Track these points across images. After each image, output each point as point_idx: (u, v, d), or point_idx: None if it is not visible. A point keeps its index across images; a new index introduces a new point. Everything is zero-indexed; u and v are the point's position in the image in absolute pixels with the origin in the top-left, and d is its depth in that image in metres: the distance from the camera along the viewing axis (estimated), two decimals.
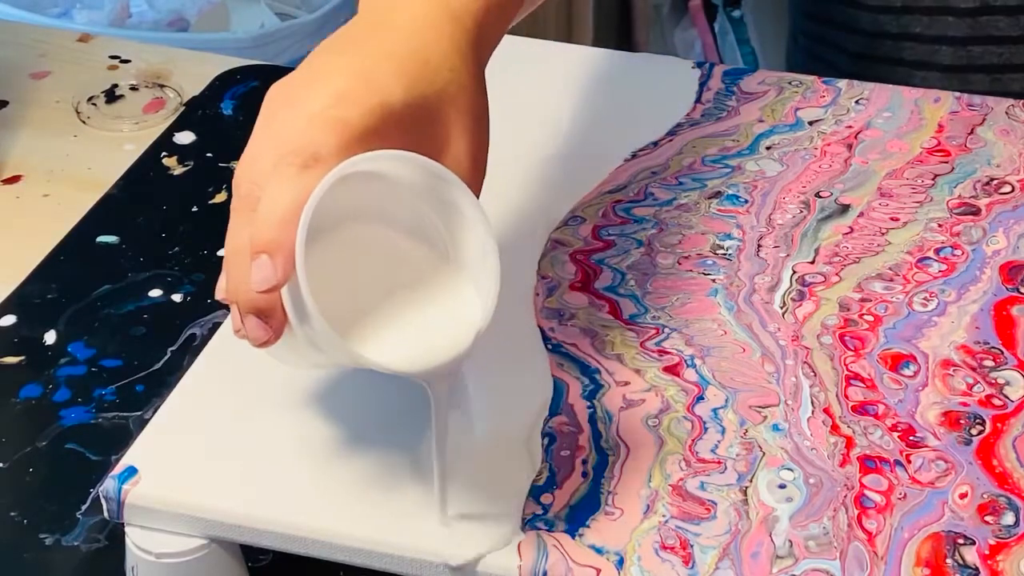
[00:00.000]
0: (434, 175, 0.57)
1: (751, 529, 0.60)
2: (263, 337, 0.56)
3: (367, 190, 0.57)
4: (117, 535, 0.65)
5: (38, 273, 0.83)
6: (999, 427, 0.65)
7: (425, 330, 0.58)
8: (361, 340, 0.57)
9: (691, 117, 0.85)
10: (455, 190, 0.57)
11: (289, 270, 0.54)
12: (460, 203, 0.58)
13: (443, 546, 0.60)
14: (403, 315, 0.58)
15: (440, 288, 0.59)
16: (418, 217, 0.59)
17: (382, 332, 0.57)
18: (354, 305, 0.57)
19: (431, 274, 0.59)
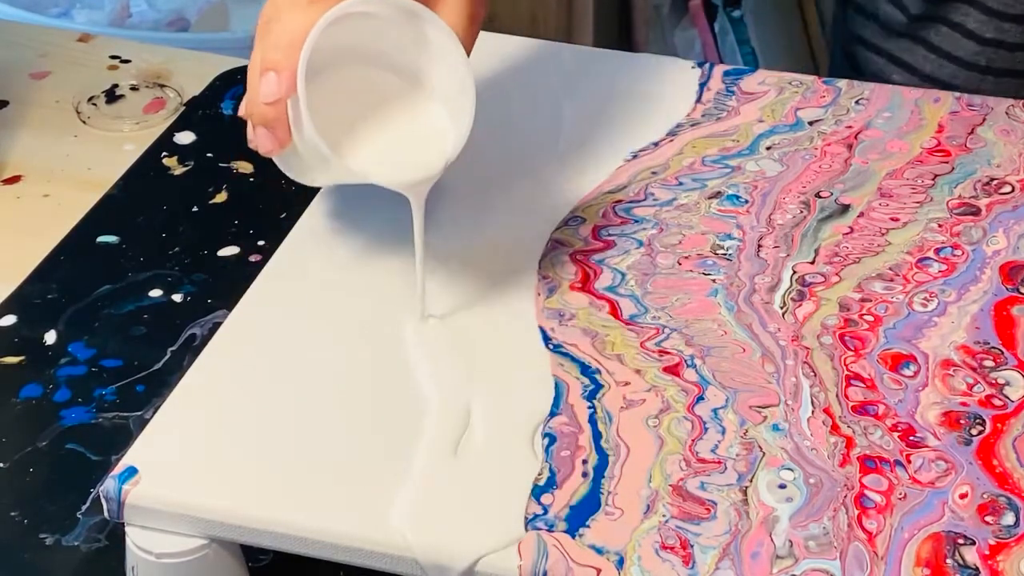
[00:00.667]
0: (422, 18, 0.66)
1: (751, 529, 0.60)
2: (268, 146, 0.67)
3: (364, 27, 0.66)
4: (117, 535, 0.65)
5: (38, 273, 0.83)
6: (999, 427, 0.65)
7: (404, 150, 0.68)
8: (348, 154, 0.66)
9: (691, 117, 0.85)
10: (439, 32, 0.67)
11: (291, 85, 0.64)
12: (444, 44, 0.67)
13: (444, 546, 0.60)
14: (385, 137, 0.68)
15: (420, 117, 0.69)
16: (406, 55, 0.68)
17: (366, 149, 0.67)
18: (345, 126, 0.67)
19: (413, 104, 0.69)
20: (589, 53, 0.93)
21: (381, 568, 0.61)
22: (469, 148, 0.82)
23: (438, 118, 0.69)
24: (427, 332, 0.70)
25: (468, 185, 0.80)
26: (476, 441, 0.64)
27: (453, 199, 0.79)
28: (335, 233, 0.76)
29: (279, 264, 0.74)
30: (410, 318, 0.71)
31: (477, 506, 0.61)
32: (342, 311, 0.71)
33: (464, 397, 0.66)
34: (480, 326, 0.71)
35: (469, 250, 0.75)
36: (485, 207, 0.78)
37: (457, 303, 0.72)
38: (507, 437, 0.65)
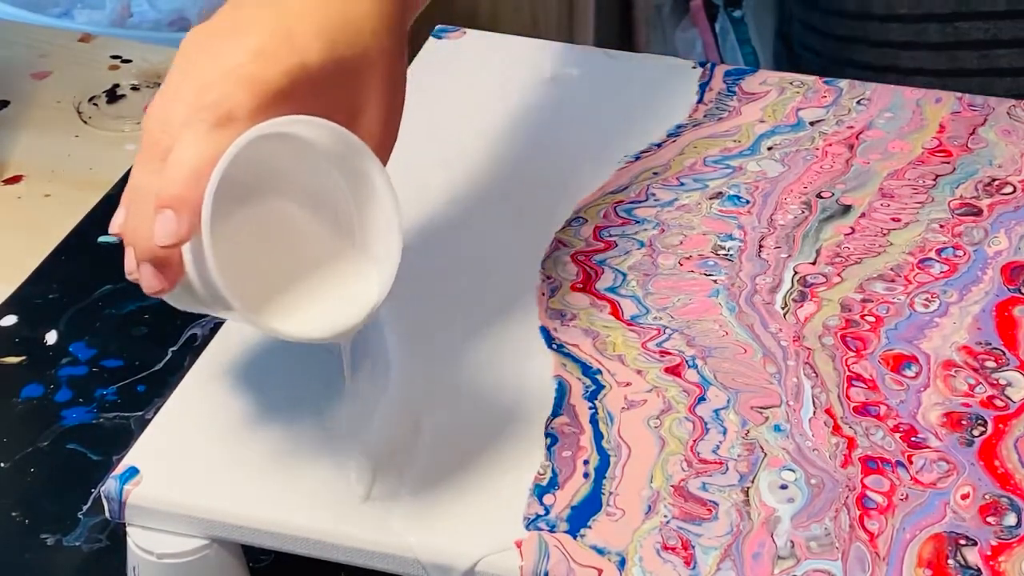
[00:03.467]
0: (346, 144, 0.57)
1: (753, 530, 0.60)
2: (157, 287, 0.57)
3: (278, 150, 0.57)
4: (118, 535, 0.65)
5: (39, 273, 0.83)
6: (1001, 428, 0.65)
7: (322, 301, 0.59)
8: (258, 305, 0.58)
9: (693, 118, 0.85)
10: (367, 161, 0.58)
11: (193, 228, 0.54)
12: (371, 174, 0.58)
13: (445, 547, 0.60)
14: (302, 284, 0.59)
15: (340, 261, 0.60)
16: (326, 182, 0.59)
17: (279, 298, 0.58)
18: (254, 268, 0.58)
19: (333, 246, 0.60)
20: (590, 53, 0.93)
21: (382, 568, 0.61)
22: (470, 148, 0.83)
23: (359, 262, 0.60)
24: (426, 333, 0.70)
25: (470, 185, 0.79)
26: (477, 441, 0.64)
27: (455, 199, 0.79)
28: None
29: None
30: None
31: (479, 506, 0.61)
32: None
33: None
34: (483, 326, 0.70)
35: (471, 250, 0.75)
36: (486, 207, 0.78)
37: (459, 303, 0.72)
38: (509, 437, 0.65)
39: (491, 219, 0.77)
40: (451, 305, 0.72)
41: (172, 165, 0.55)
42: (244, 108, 0.55)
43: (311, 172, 0.59)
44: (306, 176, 0.59)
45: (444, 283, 0.73)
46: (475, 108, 0.85)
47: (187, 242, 0.55)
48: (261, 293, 0.58)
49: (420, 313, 0.71)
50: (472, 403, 0.66)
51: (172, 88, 0.58)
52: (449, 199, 0.79)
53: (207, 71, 0.57)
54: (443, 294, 0.72)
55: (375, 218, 0.59)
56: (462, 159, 0.82)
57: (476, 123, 0.84)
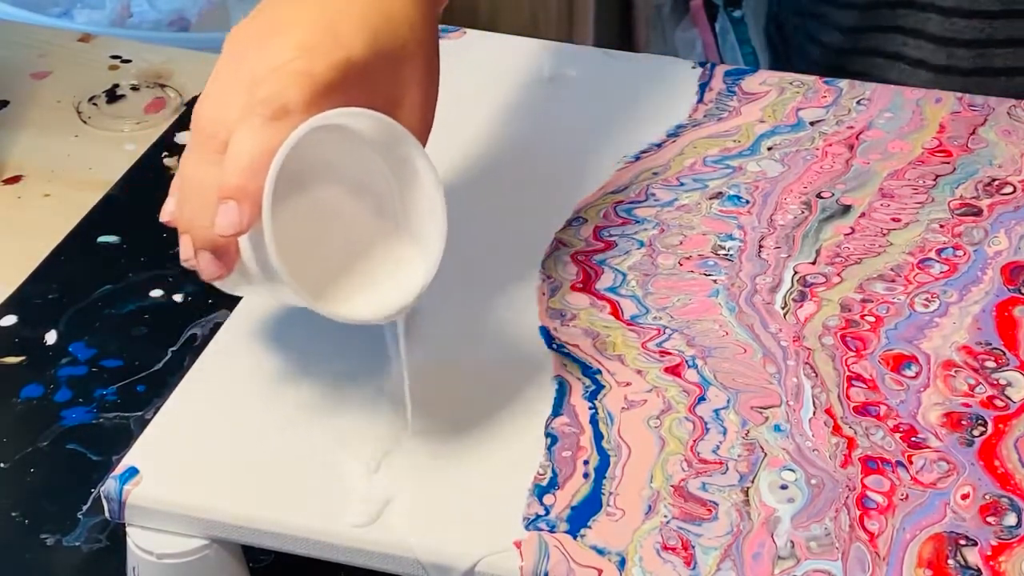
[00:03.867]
0: (391, 132, 0.60)
1: (753, 530, 0.60)
2: (216, 273, 0.60)
3: (328, 140, 0.60)
4: (118, 535, 0.65)
5: (39, 273, 0.83)
6: (1001, 428, 0.65)
7: (372, 285, 0.62)
8: (314, 289, 0.60)
9: (693, 118, 0.85)
10: (411, 148, 0.60)
11: (255, 218, 0.57)
12: (414, 160, 0.61)
13: (445, 547, 0.60)
14: (352, 269, 0.62)
15: (386, 245, 0.63)
16: (372, 170, 0.62)
17: (332, 282, 0.61)
18: (307, 254, 0.60)
19: (380, 231, 0.63)
20: (590, 53, 0.93)
21: (382, 569, 0.61)
22: (469, 148, 0.83)
23: (406, 246, 0.63)
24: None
25: (469, 185, 0.79)
26: (477, 441, 0.64)
27: (454, 199, 0.79)
28: None
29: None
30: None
31: (479, 506, 0.61)
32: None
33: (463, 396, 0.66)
34: (483, 326, 0.70)
35: (471, 250, 0.75)
36: (487, 208, 0.78)
37: (460, 303, 0.72)
38: (509, 437, 0.65)
39: (491, 219, 0.77)
40: (451, 305, 0.72)
41: (232, 157, 0.57)
42: (297, 102, 0.58)
43: (357, 161, 0.62)
44: (353, 164, 0.62)
45: (444, 283, 0.73)
46: (475, 108, 0.85)
47: (248, 231, 0.57)
48: (315, 278, 0.60)
49: (420, 313, 0.71)
50: (472, 403, 0.66)
51: (221, 85, 0.60)
52: (449, 199, 0.78)
53: (257, 67, 0.59)
54: (443, 294, 0.72)
55: (419, 203, 0.61)
56: (462, 159, 0.82)
57: (476, 123, 0.84)
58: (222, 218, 0.57)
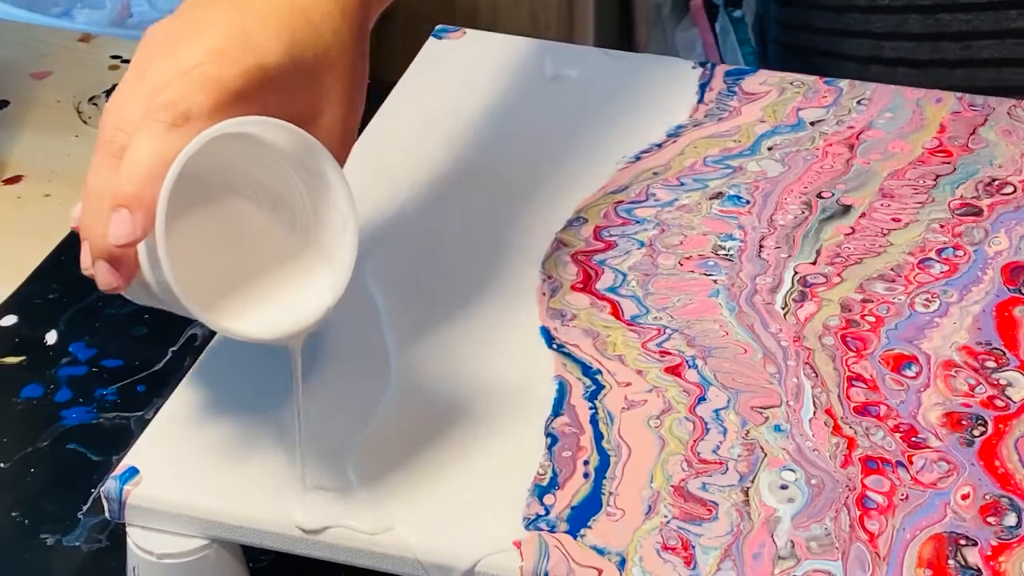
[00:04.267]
0: (303, 144, 0.57)
1: (753, 530, 0.60)
2: (112, 284, 0.57)
3: (235, 150, 0.57)
4: (118, 535, 0.65)
5: (39, 273, 0.83)
6: (1001, 428, 0.65)
7: (275, 302, 0.59)
8: (212, 304, 0.57)
9: (693, 118, 0.85)
10: (323, 161, 0.57)
11: (148, 227, 0.54)
12: (327, 174, 0.58)
13: (445, 547, 0.60)
14: (257, 285, 0.59)
15: (295, 261, 0.59)
16: (284, 183, 0.59)
17: (234, 298, 0.58)
18: (210, 267, 0.58)
19: (289, 247, 0.60)
20: (590, 53, 0.93)
21: (382, 568, 0.61)
22: (470, 149, 0.83)
23: (315, 263, 0.59)
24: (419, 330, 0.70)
25: (470, 185, 0.79)
26: (477, 441, 0.64)
27: (455, 199, 0.79)
28: None
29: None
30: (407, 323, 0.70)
31: (479, 506, 0.61)
32: (345, 308, 0.71)
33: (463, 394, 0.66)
34: (484, 326, 0.70)
35: (472, 250, 0.75)
36: (487, 207, 0.78)
37: (460, 303, 0.72)
38: (509, 437, 0.65)
39: (491, 219, 0.77)
40: (451, 305, 0.72)
41: (128, 164, 0.55)
42: (201, 108, 0.55)
43: (268, 172, 0.59)
44: (264, 176, 0.59)
45: (444, 283, 0.73)
46: (475, 108, 0.85)
47: (141, 241, 0.55)
48: (216, 292, 0.58)
49: (420, 313, 0.71)
50: (472, 403, 0.66)
51: (128, 86, 0.58)
52: (449, 199, 0.79)
53: (164, 70, 0.56)
54: (443, 294, 0.72)
55: (331, 219, 0.58)
56: (462, 159, 0.82)
57: (476, 123, 0.84)
58: (114, 227, 0.54)
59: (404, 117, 0.85)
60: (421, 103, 0.86)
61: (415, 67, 0.89)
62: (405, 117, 0.85)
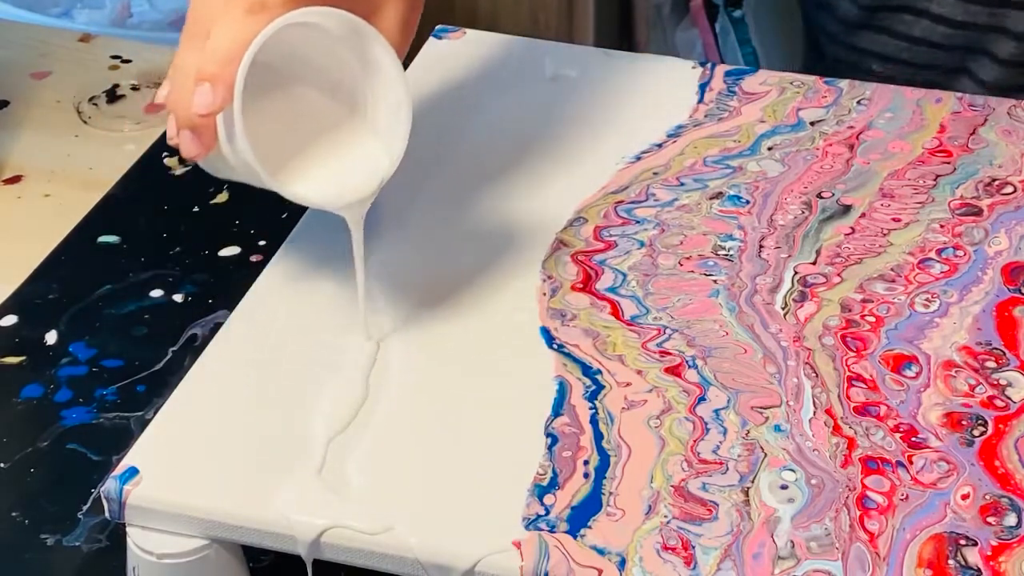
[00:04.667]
0: (360, 32, 0.64)
1: (753, 530, 0.60)
2: (194, 151, 0.64)
3: (303, 37, 0.64)
4: (118, 535, 0.65)
5: (39, 273, 0.83)
6: (1001, 428, 0.65)
7: (336, 172, 0.66)
8: (282, 173, 0.65)
9: (693, 118, 0.85)
10: (379, 48, 0.65)
11: (227, 100, 0.62)
12: (382, 60, 0.65)
13: (445, 547, 0.60)
14: (319, 158, 0.66)
15: (355, 137, 0.67)
16: (344, 67, 0.66)
17: (299, 169, 0.66)
18: (278, 143, 0.65)
19: (348, 124, 0.67)
20: (590, 53, 0.93)
21: (382, 568, 0.61)
22: (470, 148, 0.83)
23: (372, 139, 0.67)
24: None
25: (470, 186, 0.79)
26: (477, 441, 0.64)
27: (455, 199, 0.79)
28: (336, 233, 0.76)
29: (280, 264, 0.74)
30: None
31: (479, 506, 0.61)
32: (344, 310, 0.71)
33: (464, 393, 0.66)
34: (484, 326, 0.70)
35: (472, 250, 0.75)
36: (487, 207, 0.78)
37: (460, 303, 0.72)
38: (509, 437, 0.65)
39: (492, 219, 0.77)
40: (452, 305, 0.72)
41: (211, 45, 0.62)
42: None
43: (331, 58, 0.66)
44: (327, 61, 0.66)
45: (445, 283, 0.73)
46: (475, 108, 0.85)
47: (221, 112, 0.62)
48: (284, 163, 0.65)
49: (421, 313, 0.71)
50: (472, 403, 0.66)
51: None
52: (449, 199, 0.79)
53: None
54: (444, 294, 0.72)
55: (387, 100, 0.66)
56: (462, 159, 0.82)
57: (476, 123, 0.84)
58: (198, 98, 0.62)
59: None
60: (421, 103, 0.86)
61: (415, 67, 0.89)
62: None
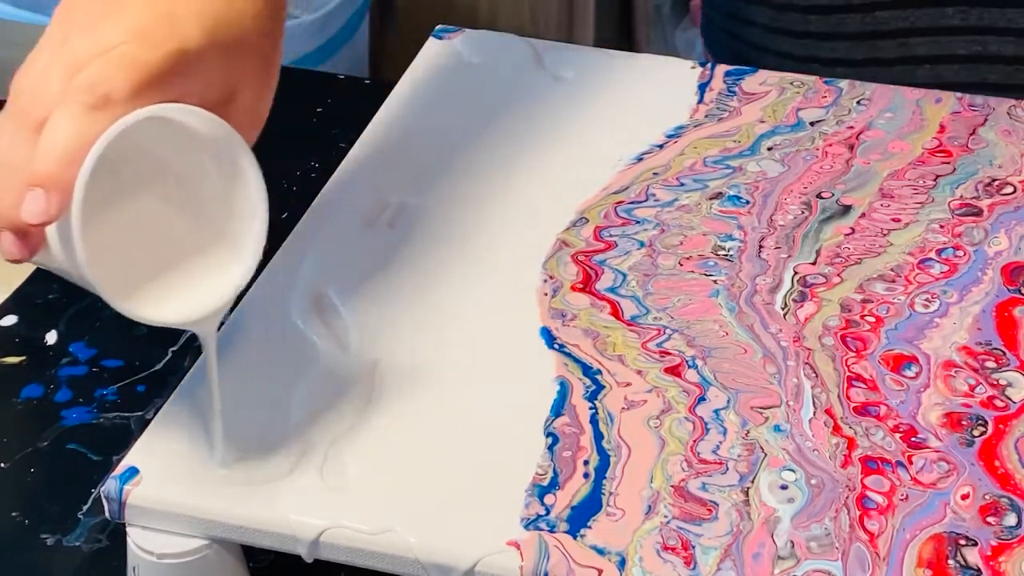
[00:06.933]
0: (221, 132, 0.58)
1: (753, 530, 0.60)
2: (17, 255, 0.57)
3: (151, 134, 0.58)
4: (118, 535, 0.65)
5: (39, 273, 0.83)
6: (1001, 428, 0.65)
7: (184, 289, 0.60)
8: (120, 288, 0.58)
9: (693, 118, 0.85)
10: (239, 150, 0.59)
11: (64, 208, 0.54)
12: (242, 163, 0.59)
13: (445, 547, 0.60)
14: (166, 272, 0.60)
15: (207, 250, 0.61)
16: (196, 168, 0.60)
17: (143, 283, 0.59)
18: (119, 251, 0.58)
19: (201, 235, 0.61)
20: (590, 53, 0.93)
21: (382, 568, 0.61)
22: (470, 149, 0.83)
23: (222, 249, 0.61)
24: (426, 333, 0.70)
25: (470, 186, 0.79)
26: (477, 441, 0.64)
27: (455, 200, 0.79)
28: (335, 232, 0.76)
29: (279, 264, 0.74)
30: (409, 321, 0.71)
31: (478, 506, 0.61)
32: (347, 309, 0.71)
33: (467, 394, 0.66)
34: (484, 326, 0.70)
35: (473, 250, 0.75)
36: (487, 208, 0.78)
37: (461, 303, 0.72)
38: (509, 437, 0.65)
39: (492, 219, 0.77)
40: (453, 305, 0.72)
41: (46, 144, 0.54)
42: (122, 91, 0.55)
43: (184, 157, 0.60)
44: (177, 160, 0.60)
45: (445, 283, 0.73)
46: (475, 108, 0.85)
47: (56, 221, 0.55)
48: (125, 278, 0.58)
49: (422, 313, 0.71)
50: (472, 403, 0.66)
51: (46, 57, 0.57)
52: (450, 199, 0.79)
53: (84, 47, 0.56)
54: (444, 294, 0.72)
55: (241, 208, 0.60)
56: (462, 159, 0.82)
57: (476, 123, 0.84)
58: (29, 205, 0.54)
59: (404, 117, 0.85)
60: (421, 103, 0.86)
61: (415, 67, 0.89)
62: (405, 117, 0.85)
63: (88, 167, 0.54)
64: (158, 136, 0.58)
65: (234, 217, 0.60)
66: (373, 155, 0.82)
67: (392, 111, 0.86)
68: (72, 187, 0.54)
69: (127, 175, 0.59)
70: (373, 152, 0.82)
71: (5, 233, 0.56)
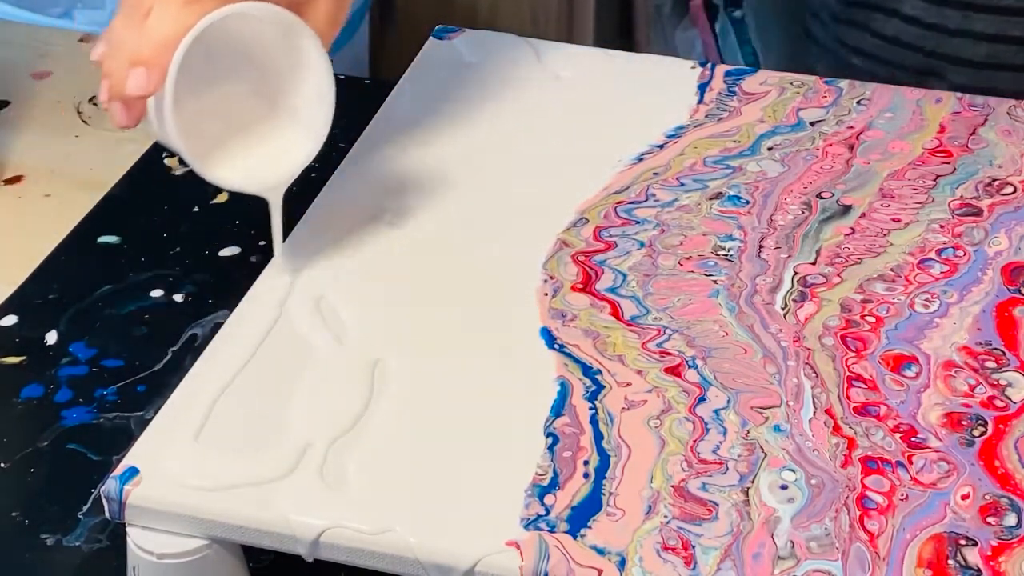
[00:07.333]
0: (292, 26, 0.69)
1: (753, 530, 0.60)
2: (123, 122, 0.68)
3: (234, 30, 0.68)
4: (118, 535, 0.65)
5: (39, 273, 0.83)
6: (1001, 428, 0.65)
7: (259, 160, 0.71)
8: (205, 157, 0.69)
9: (693, 118, 0.85)
10: (307, 41, 0.69)
11: (160, 85, 0.66)
12: (309, 52, 0.70)
13: (445, 547, 0.60)
14: (244, 145, 0.71)
15: (279, 128, 0.72)
16: (274, 61, 0.71)
17: (224, 155, 0.70)
18: (205, 125, 0.69)
19: (275, 115, 0.72)
20: (590, 53, 0.93)
21: (382, 568, 0.61)
22: (470, 149, 0.83)
23: (293, 129, 0.72)
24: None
25: (470, 186, 0.80)
26: (477, 441, 0.64)
27: (455, 199, 0.79)
28: (336, 232, 0.76)
29: (279, 264, 0.74)
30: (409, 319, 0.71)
31: (479, 506, 0.61)
32: (345, 312, 0.71)
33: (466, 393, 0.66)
34: (484, 326, 0.70)
35: (473, 250, 0.75)
36: (487, 208, 0.78)
37: (461, 304, 0.72)
38: (509, 437, 0.65)
39: (492, 219, 0.77)
40: (453, 305, 0.72)
41: (148, 30, 0.66)
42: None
43: (259, 50, 0.70)
44: (259, 52, 0.70)
45: (445, 283, 0.73)
46: (475, 108, 0.85)
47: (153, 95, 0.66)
48: (209, 149, 0.70)
49: (421, 313, 0.71)
50: (472, 403, 0.66)
51: None
52: (450, 199, 0.79)
53: None
54: (444, 294, 0.72)
55: (310, 91, 0.70)
56: (463, 159, 0.82)
57: (476, 123, 0.84)
58: (132, 80, 0.65)
59: (404, 117, 0.85)
60: (421, 103, 0.86)
61: (415, 67, 0.89)
62: (405, 117, 0.85)
63: (181, 51, 0.65)
64: (240, 31, 0.69)
65: (303, 97, 0.71)
66: (373, 155, 0.82)
67: (392, 111, 0.86)
68: (167, 68, 0.65)
69: (213, 62, 0.69)
70: (373, 152, 0.82)
71: (115, 103, 0.67)
